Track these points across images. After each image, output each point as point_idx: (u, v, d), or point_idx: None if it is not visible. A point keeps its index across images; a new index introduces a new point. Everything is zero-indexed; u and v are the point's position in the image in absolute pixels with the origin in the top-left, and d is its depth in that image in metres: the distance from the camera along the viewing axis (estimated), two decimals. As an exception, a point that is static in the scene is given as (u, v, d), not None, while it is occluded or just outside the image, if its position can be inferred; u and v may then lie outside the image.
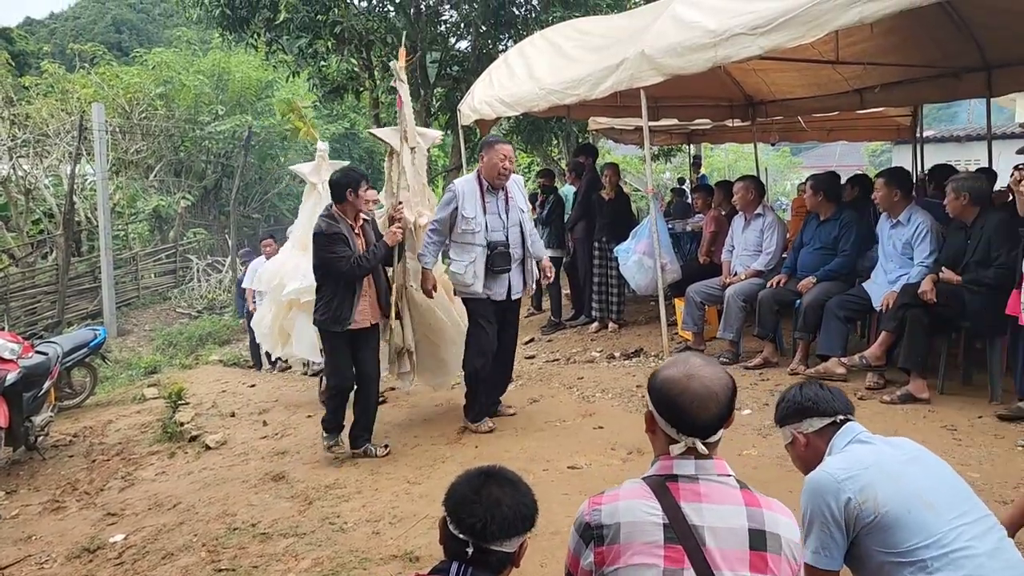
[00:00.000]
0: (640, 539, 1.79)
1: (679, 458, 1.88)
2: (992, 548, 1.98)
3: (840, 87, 8.75)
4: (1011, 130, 15.79)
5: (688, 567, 1.74)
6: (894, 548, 2.00)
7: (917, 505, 2.02)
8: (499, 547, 1.86)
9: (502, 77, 7.97)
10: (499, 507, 1.86)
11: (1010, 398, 4.93)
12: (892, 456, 2.17)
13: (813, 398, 2.31)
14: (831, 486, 2.09)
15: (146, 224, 19.02)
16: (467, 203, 5.11)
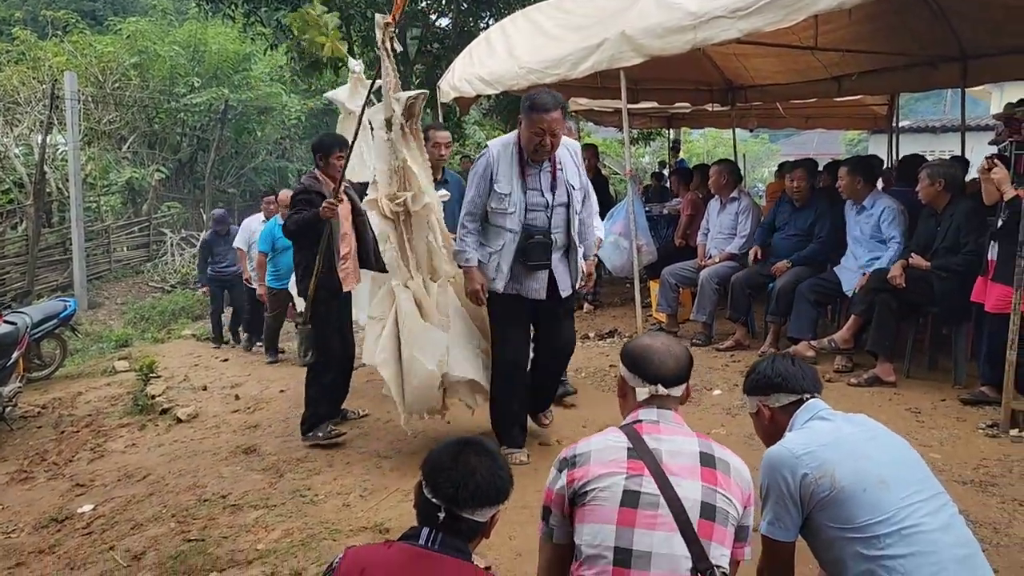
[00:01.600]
0: (606, 457, 2.06)
1: (644, 407, 2.18)
2: (944, 524, 2.03)
3: (818, 74, 8.80)
4: (985, 122, 15.94)
5: (647, 475, 2.00)
6: (847, 524, 2.03)
7: (872, 482, 2.05)
8: (471, 515, 1.87)
9: (482, 55, 7.92)
10: (474, 475, 1.87)
11: (973, 383, 5.03)
12: (850, 434, 2.21)
13: (783, 374, 2.35)
14: (789, 461, 2.13)
15: (119, 196, 18.68)
16: (501, 172, 4.02)
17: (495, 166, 4.01)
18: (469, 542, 1.91)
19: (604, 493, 1.99)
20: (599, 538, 1.96)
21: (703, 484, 1.99)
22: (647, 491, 1.97)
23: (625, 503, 1.96)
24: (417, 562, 1.83)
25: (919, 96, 29.25)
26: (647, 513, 1.95)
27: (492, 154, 4.04)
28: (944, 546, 1.98)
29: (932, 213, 5.31)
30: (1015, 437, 4.28)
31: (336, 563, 1.89)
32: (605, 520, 1.96)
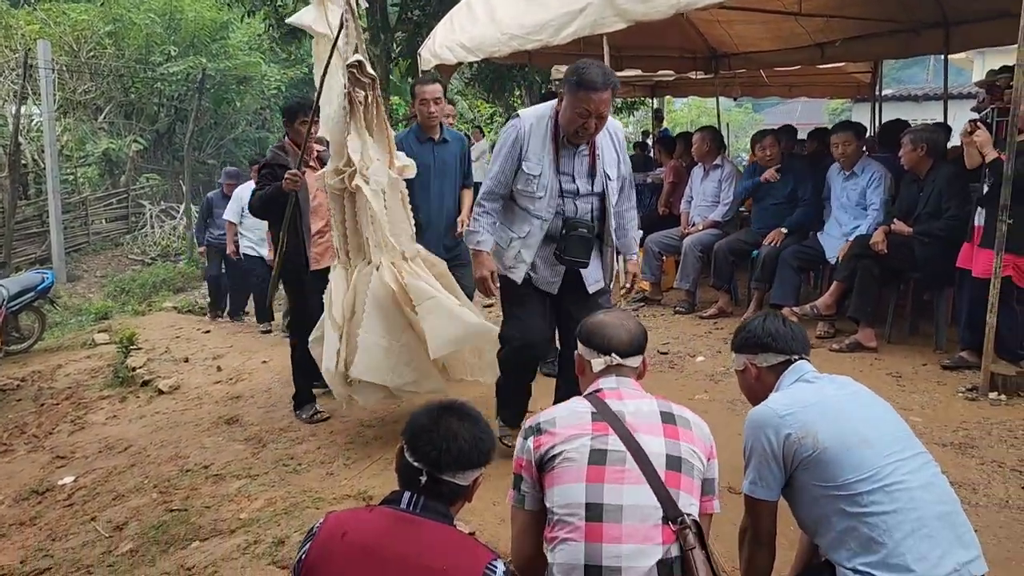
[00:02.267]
0: (571, 422, 2.12)
1: (602, 376, 2.25)
2: (925, 482, 2.04)
3: (802, 40, 8.74)
4: (967, 90, 15.97)
5: (612, 433, 2.05)
6: (831, 482, 2.04)
7: (855, 442, 2.06)
8: (452, 478, 1.87)
9: (464, 21, 7.79)
10: (456, 439, 1.86)
11: (954, 348, 5.07)
12: (834, 395, 2.22)
13: (773, 334, 2.34)
14: (772, 421, 2.13)
15: (96, 168, 18.39)
16: (532, 150, 3.44)
17: (525, 141, 3.43)
18: (451, 505, 1.90)
19: (571, 455, 2.03)
20: (569, 498, 1.98)
21: (666, 438, 2.06)
22: (613, 448, 2.02)
23: (593, 461, 2.01)
24: (399, 526, 1.82)
25: (901, 65, 29.26)
26: (615, 468, 1.99)
27: (523, 127, 3.43)
28: (925, 503, 2.00)
29: (914, 179, 5.31)
30: (994, 400, 4.32)
31: (317, 528, 1.88)
32: (574, 480, 2.00)
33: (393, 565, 1.75)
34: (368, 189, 3.98)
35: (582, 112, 3.23)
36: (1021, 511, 3.19)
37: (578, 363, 2.37)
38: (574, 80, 3.20)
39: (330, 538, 1.83)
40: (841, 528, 2.02)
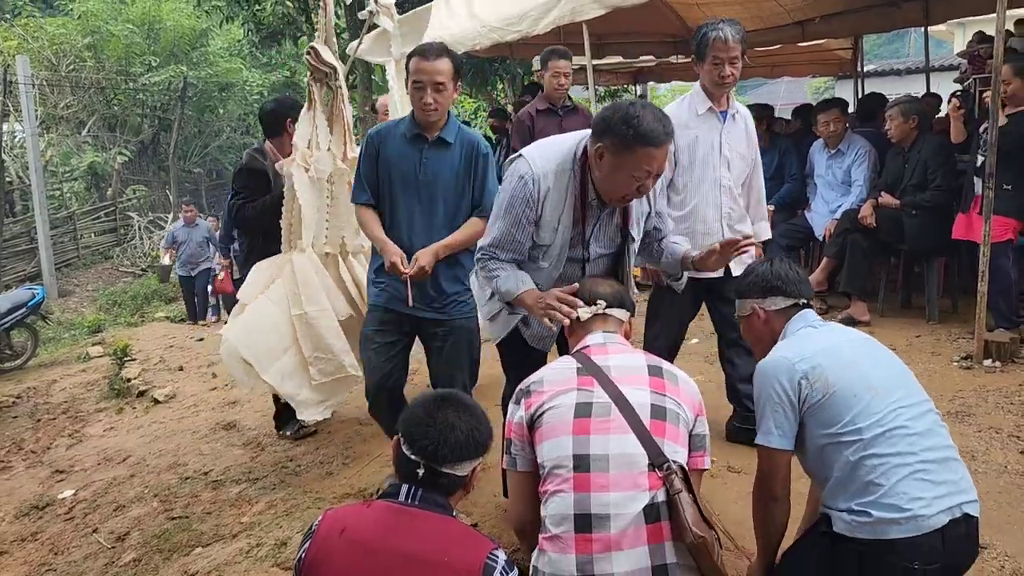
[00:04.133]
0: (558, 379, 2.14)
1: (590, 332, 2.28)
2: (926, 429, 2.06)
3: (781, 19, 8.73)
4: (949, 62, 16.01)
5: (597, 386, 2.08)
6: (834, 427, 2.05)
7: (862, 388, 2.07)
8: (450, 470, 1.86)
9: (442, 16, 7.77)
10: (452, 430, 1.86)
11: (946, 319, 5.09)
12: (841, 341, 2.23)
13: (783, 278, 2.33)
14: (784, 365, 2.13)
15: (82, 182, 18.33)
16: (547, 214, 2.55)
17: (538, 203, 2.51)
18: (450, 497, 1.89)
19: (558, 410, 2.06)
20: (557, 451, 2.01)
21: (651, 390, 2.08)
22: (598, 400, 2.04)
23: (579, 414, 2.03)
24: (398, 519, 1.81)
25: (883, 40, 29.37)
26: (600, 419, 2.01)
27: (536, 184, 2.49)
28: (925, 449, 2.02)
29: (899, 151, 5.31)
30: (988, 367, 4.33)
31: (315, 526, 1.87)
32: (561, 434, 2.02)
33: (394, 559, 1.74)
34: (301, 177, 3.84)
35: (641, 175, 2.35)
36: (1020, 476, 3.20)
37: (567, 327, 2.39)
38: (630, 135, 2.29)
39: (329, 535, 1.82)
40: (842, 473, 2.04)
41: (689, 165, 3.43)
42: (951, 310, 5.37)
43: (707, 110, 3.43)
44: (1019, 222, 4.59)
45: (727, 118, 3.46)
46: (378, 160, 3.22)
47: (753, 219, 3.66)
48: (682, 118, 3.37)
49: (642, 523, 1.92)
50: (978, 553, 2.08)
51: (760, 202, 3.72)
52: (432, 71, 3.07)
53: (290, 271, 3.86)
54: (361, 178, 3.27)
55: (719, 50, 3.27)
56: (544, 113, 5.45)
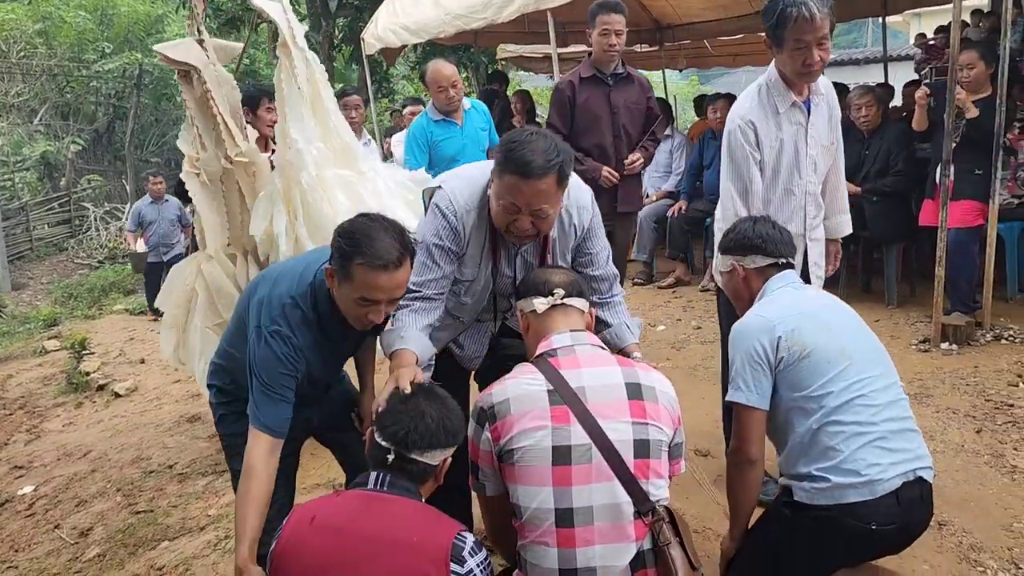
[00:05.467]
0: (528, 406, 1.91)
1: (554, 332, 2.06)
2: (889, 401, 2.11)
3: (743, 8, 8.79)
4: (906, 52, 16.29)
5: (574, 422, 1.88)
6: (804, 391, 2.09)
7: (834, 353, 2.11)
8: (420, 456, 1.86)
9: (406, 3, 7.70)
10: (423, 418, 1.87)
11: (905, 303, 5.20)
12: (819, 304, 2.27)
13: (764, 236, 2.35)
14: (764, 325, 2.16)
15: (34, 172, 17.88)
16: (470, 250, 2.38)
17: (464, 239, 2.33)
18: (420, 484, 1.90)
19: (533, 452, 1.87)
20: (537, 501, 1.86)
21: (633, 421, 1.89)
22: (577, 443, 1.86)
23: (557, 461, 1.86)
24: (367, 503, 1.83)
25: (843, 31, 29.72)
26: (582, 468, 1.85)
27: (457, 218, 2.30)
28: (885, 419, 2.07)
29: (859, 138, 5.40)
30: (945, 350, 4.44)
31: (284, 523, 1.87)
32: (540, 483, 1.86)
33: (362, 541, 1.75)
34: (192, 183, 3.75)
35: (508, 206, 2.15)
36: (976, 455, 3.29)
37: (521, 323, 2.18)
38: (501, 159, 2.14)
39: (299, 526, 1.82)
40: (804, 438, 2.08)
41: (773, 177, 2.85)
42: (910, 295, 5.49)
43: (791, 106, 2.80)
44: (987, 206, 4.69)
45: (811, 108, 2.85)
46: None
47: (830, 212, 3.11)
48: (761, 118, 2.81)
49: (629, 574, 1.86)
50: (931, 516, 2.14)
51: (839, 191, 3.13)
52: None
53: (204, 283, 3.72)
54: None
55: (803, 31, 2.60)
56: (589, 82, 4.24)
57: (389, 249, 2.01)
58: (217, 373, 2.52)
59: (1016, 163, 5.10)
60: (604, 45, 4.11)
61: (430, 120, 4.78)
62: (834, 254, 3.22)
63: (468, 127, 4.80)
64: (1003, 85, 4.32)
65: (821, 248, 3.07)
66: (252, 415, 2.16)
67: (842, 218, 3.15)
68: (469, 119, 4.83)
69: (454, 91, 4.65)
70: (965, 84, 4.57)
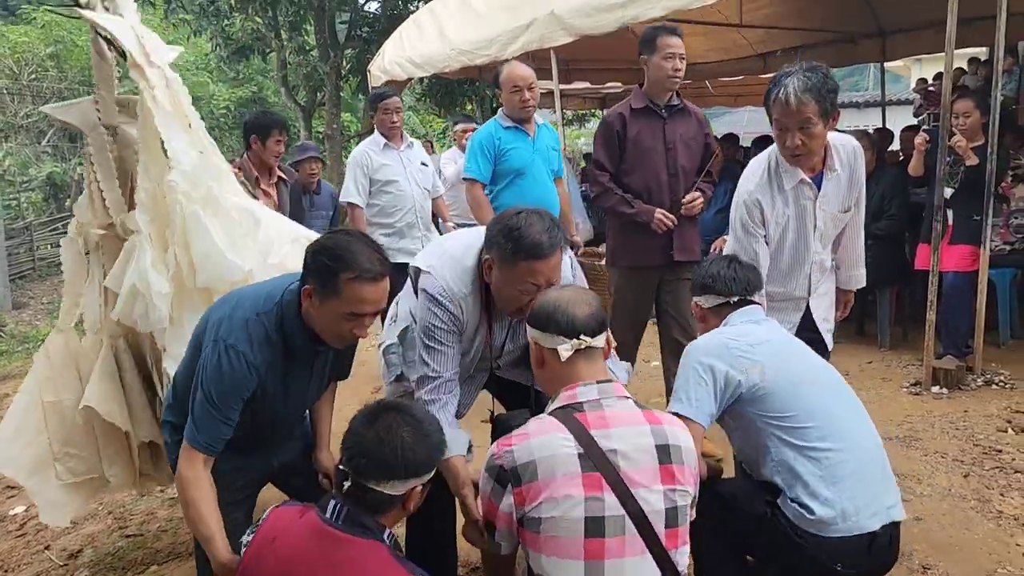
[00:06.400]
0: (559, 471, 1.79)
1: (582, 386, 1.90)
2: (862, 427, 2.17)
3: (744, 51, 8.98)
4: (906, 96, 16.51)
5: (608, 490, 1.77)
6: (776, 414, 2.14)
7: (804, 379, 2.18)
8: (377, 487, 1.73)
9: (412, 37, 7.86)
10: (380, 446, 1.72)
11: (898, 345, 5.24)
12: (781, 337, 2.34)
13: (713, 276, 2.44)
14: (720, 351, 2.22)
15: (40, 192, 18.04)
16: (467, 332, 2.43)
17: (461, 313, 2.35)
18: (380, 515, 1.77)
19: (563, 523, 1.77)
20: (566, 573, 1.77)
21: (664, 489, 1.82)
22: (611, 514, 1.77)
23: (591, 533, 1.76)
24: (320, 541, 1.73)
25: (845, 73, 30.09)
26: (615, 540, 1.77)
27: (457, 307, 2.33)
28: (864, 447, 2.12)
29: (855, 183, 5.48)
30: (936, 394, 4.47)
31: (260, 521, 1.86)
32: (572, 555, 1.76)
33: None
34: (68, 247, 3.32)
35: (527, 289, 2.19)
36: (963, 499, 3.31)
37: (535, 354, 2.00)
38: (510, 248, 2.17)
39: (264, 541, 1.78)
40: (779, 459, 2.12)
41: (779, 249, 2.85)
42: (903, 338, 5.53)
43: (798, 183, 2.76)
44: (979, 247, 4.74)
45: (823, 183, 2.78)
46: None
47: (844, 266, 3.08)
48: (767, 196, 2.79)
49: None
50: (896, 559, 2.15)
51: (854, 246, 3.04)
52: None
53: (44, 353, 3.30)
54: None
55: (781, 114, 2.61)
56: (641, 114, 3.77)
57: (374, 261, 2.01)
58: (172, 408, 2.38)
59: (1008, 210, 5.17)
60: (669, 70, 3.65)
61: (499, 126, 4.27)
62: (844, 303, 3.20)
63: (539, 141, 4.34)
64: (994, 134, 4.40)
65: (828, 301, 3.07)
66: (189, 432, 2.07)
67: (856, 272, 3.11)
68: (541, 134, 4.37)
69: (530, 94, 4.17)
70: (961, 131, 4.66)
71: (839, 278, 3.10)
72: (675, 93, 3.81)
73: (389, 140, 4.95)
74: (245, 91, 21.31)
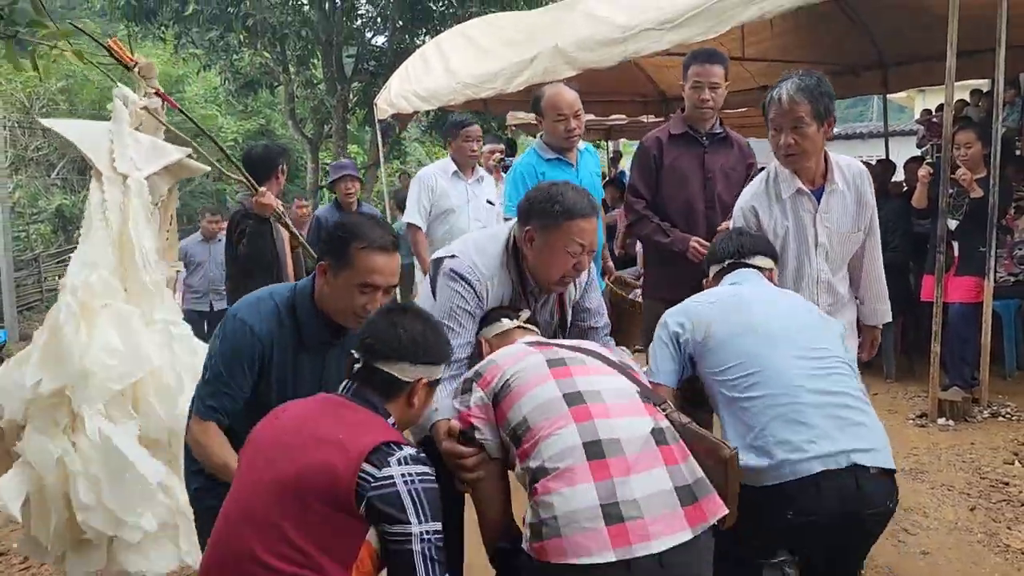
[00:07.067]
0: (517, 352, 2.02)
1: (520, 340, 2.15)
2: (810, 374, 2.05)
3: (747, 83, 9.02)
4: (909, 127, 16.59)
5: (559, 348, 2.03)
6: (716, 368, 2.15)
7: (740, 331, 2.15)
8: (385, 367, 1.80)
9: (418, 71, 7.96)
10: (393, 328, 1.82)
11: (903, 376, 5.22)
12: (749, 293, 2.33)
13: (714, 247, 2.59)
14: (678, 310, 2.32)
15: (49, 224, 18.19)
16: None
17: (487, 299, 2.36)
18: (387, 400, 1.81)
19: (527, 369, 1.93)
20: (542, 396, 1.86)
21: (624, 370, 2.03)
22: (568, 355, 1.98)
23: (553, 365, 1.93)
24: (325, 405, 1.82)
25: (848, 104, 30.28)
26: (578, 367, 1.94)
27: (481, 284, 2.33)
28: (803, 392, 2.00)
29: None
30: (942, 425, 4.45)
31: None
32: (541, 383, 1.88)
33: (302, 436, 1.73)
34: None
35: (575, 250, 2.25)
36: (970, 532, 3.29)
37: (485, 349, 2.24)
38: (556, 210, 2.24)
39: (268, 418, 1.85)
40: (724, 414, 2.13)
41: (780, 263, 2.74)
42: (908, 369, 5.51)
43: (795, 192, 2.75)
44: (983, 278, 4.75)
45: (823, 196, 2.75)
46: None
47: (864, 299, 2.98)
48: (763, 204, 2.81)
49: (653, 445, 1.79)
50: (890, 506, 1.99)
51: (875, 278, 2.96)
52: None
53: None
54: None
55: (775, 113, 2.68)
56: (680, 141, 3.63)
57: (384, 235, 2.12)
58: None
59: (1012, 242, 5.18)
60: (695, 100, 3.53)
61: (540, 158, 3.89)
62: (871, 342, 3.09)
63: (583, 169, 3.97)
64: (996, 166, 4.43)
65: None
66: (197, 401, 2.14)
67: (880, 307, 3.00)
68: (583, 160, 4.01)
69: (576, 122, 3.75)
70: (963, 163, 4.69)
71: (862, 312, 3.02)
72: (718, 121, 3.69)
73: (460, 169, 4.83)
74: (253, 124, 21.51)
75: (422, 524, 1.64)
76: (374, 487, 1.62)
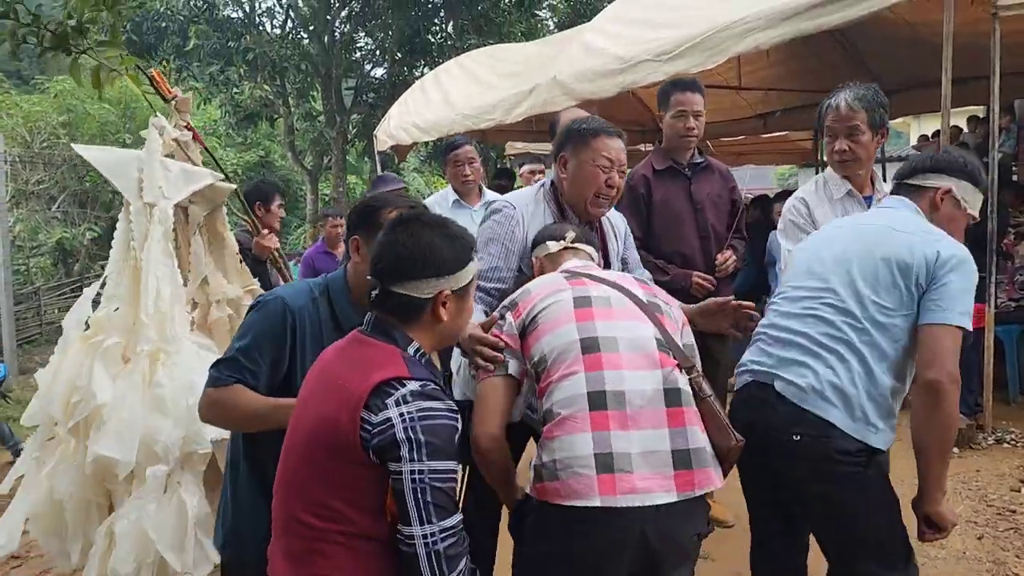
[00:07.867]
0: (545, 284, 2.08)
1: (567, 263, 2.24)
2: (802, 311, 2.21)
3: (744, 112, 9.12)
4: (905, 153, 16.71)
5: (592, 284, 2.05)
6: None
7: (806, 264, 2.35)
8: (398, 288, 1.69)
9: (417, 103, 8.04)
10: (394, 247, 1.70)
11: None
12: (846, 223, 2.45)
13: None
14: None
15: (49, 257, 18.22)
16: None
17: (525, 229, 2.50)
18: (406, 323, 1.71)
19: (555, 306, 1.97)
20: (562, 338, 1.90)
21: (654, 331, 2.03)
22: (597, 295, 1.99)
23: (579, 305, 1.96)
24: (347, 345, 1.75)
25: (842, 130, 30.50)
26: (602, 309, 1.95)
27: (519, 213, 2.51)
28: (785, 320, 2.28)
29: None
30: (948, 453, 4.41)
31: None
32: (564, 323, 1.92)
33: (321, 383, 1.71)
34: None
35: (604, 165, 2.40)
36: (978, 562, 3.26)
37: (536, 267, 2.35)
38: (584, 129, 2.44)
39: (315, 362, 1.82)
40: None
41: None
42: (911, 395, 5.48)
43: (846, 194, 2.82)
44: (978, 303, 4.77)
45: (871, 205, 2.75)
46: None
47: None
48: (815, 201, 2.88)
49: (661, 404, 1.83)
50: (794, 444, 2.06)
51: None
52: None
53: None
54: None
55: (832, 119, 2.75)
56: (665, 175, 3.61)
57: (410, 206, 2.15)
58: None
59: (1012, 267, 5.20)
60: (680, 129, 3.52)
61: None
62: None
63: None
64: (993, 192, 4.45)
65: None
66: (214, 371, 2.04)
67: None
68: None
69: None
70: None
71: None
72: (697, 150, 3.69)
73: (462, 196, 4.50)
74: (252, 155, 21.63)
75: (415, 463, 1.55)
76: (374, 435, 1.56)
